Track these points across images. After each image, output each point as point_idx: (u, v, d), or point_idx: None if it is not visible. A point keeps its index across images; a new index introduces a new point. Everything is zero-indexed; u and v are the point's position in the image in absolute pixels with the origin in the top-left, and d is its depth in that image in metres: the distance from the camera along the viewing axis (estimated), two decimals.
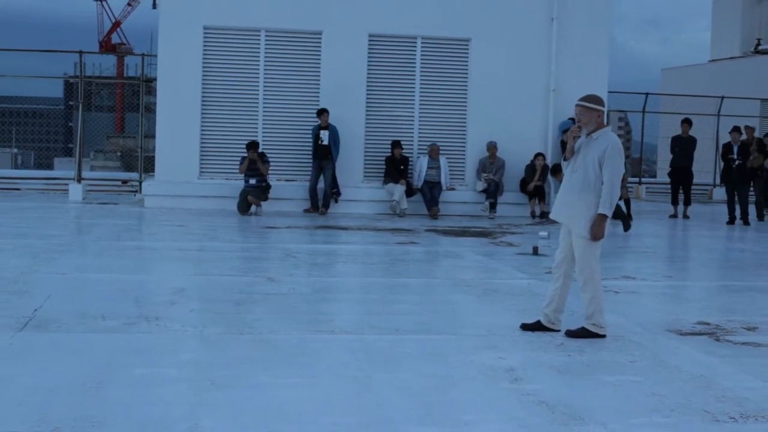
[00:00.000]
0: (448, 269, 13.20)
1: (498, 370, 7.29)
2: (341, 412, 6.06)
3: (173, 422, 5.73)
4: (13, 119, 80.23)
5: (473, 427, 5.84)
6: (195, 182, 21.20)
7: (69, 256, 13.04)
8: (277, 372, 7.07)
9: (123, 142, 68.85)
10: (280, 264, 12.93)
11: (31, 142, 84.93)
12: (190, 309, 9.39)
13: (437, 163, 21.40)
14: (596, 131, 8.60)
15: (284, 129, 21.59)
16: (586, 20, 22.33)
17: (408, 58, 21.94)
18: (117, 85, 70.92)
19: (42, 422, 5.63)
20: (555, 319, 8.77)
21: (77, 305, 9.40)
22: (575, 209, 8.54)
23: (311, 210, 20.94)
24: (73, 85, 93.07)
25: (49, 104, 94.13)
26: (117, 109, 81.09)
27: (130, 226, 17.70)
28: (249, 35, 21.49)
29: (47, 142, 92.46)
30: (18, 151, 65.64)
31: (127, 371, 6.91)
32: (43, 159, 69.00)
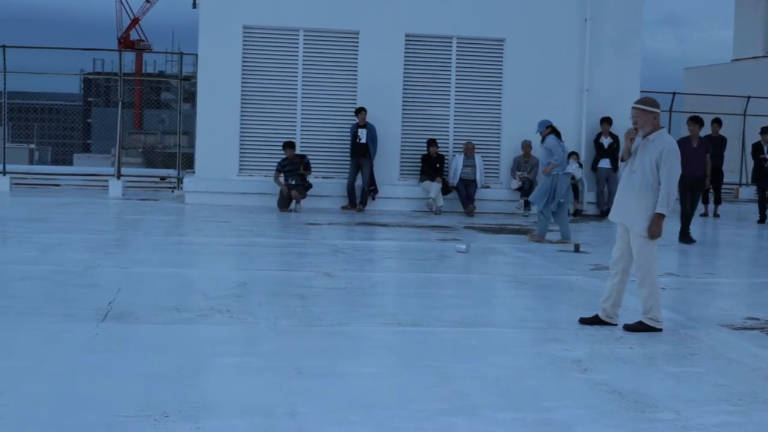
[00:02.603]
0: (494, 265, 13.55)
1: (566, 360, 7.63)
2: (426, 399, 6.41)
3: (272, 407, 6.08)
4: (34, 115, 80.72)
5: (553, 413, 6.17)
6: (234, 179, 21.58)
7: (125, 251, 13.42)
8: (356, 362, 7.43)
9: (144, 139, 69.28)
10: (331, 259, 13.28)
11: (48, 138, 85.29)
12: (258, 302, 9.74)
13: (472, 161, 21.73)
14: (652, 133, 8.91)
15: (322, 127, 21.96)
16: (618, 21, 22.64)
17: (444, 58, 22.29)
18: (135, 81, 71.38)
19: (149, 407, 5.98)
20: (613, 314, 9.10)
21: (149, 298, 9.76)
22: (633, 209, 8.87)
23: (349, 207, 21.29)
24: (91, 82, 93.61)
25: (66, 100, 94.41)
26: (135, 106, 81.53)
27: (175, 222, 18.10)
28: (288, 35, 21.86)
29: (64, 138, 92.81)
30: (35, 147, 66.01)
31: (216, 360, 7.28)
32: (59, 155, 69.19)
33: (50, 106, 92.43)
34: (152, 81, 63.71)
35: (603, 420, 6.08)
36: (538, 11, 22.36)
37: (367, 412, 6.05)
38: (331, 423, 5.82)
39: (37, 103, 76.86)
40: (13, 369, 6.83)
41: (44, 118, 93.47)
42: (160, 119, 75.58)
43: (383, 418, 5.95)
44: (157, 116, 75.66)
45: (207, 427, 5.66)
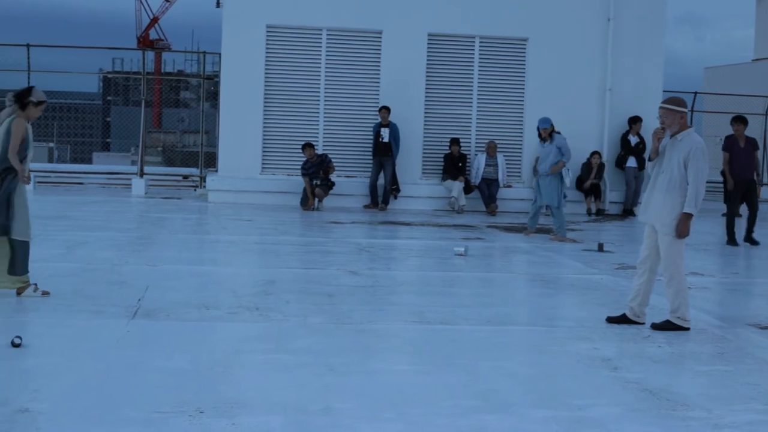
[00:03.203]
0: (519, 264, 13.61)
1: (595, 359, 7.66)
2: (459, 396, 6.46)
3: (307, 404, 6.13)
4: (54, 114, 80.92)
5: (586, 411, 6.21)
6: (257, 178, 21.63)
7: (152, 249, 13.50)
8: (387, 359, 7.49)
9: (164, 138, 69.45)
10: (356, 258, 13.34)
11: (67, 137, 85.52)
12: (286, 300, 9.80)
13: (495, 160, 21.75)
14: (680, 132, 8.93)
15: (345, 126, 22.00)
16: (641, 21, 22.60)
17: (466, 58, 22.30)
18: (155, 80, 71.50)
19: (184, 403, 6.04)
20: (640, 313, 9.13)
21: (177, 295, 9.84)
22: (661, 208, 8.90)
23: (371, 206, 21.34)
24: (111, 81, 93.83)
25: (85, 99, 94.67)
26: (155, 105, 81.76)
27: (200, 220, 18.19)
28: (311, 34, 21.90)
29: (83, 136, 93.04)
30: (55, 146, 66.21)
31: (248, 357, 7.34)
32: (79, 153, 69.37)
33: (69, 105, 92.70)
34: (171, 80, 63.85)
35: (636, 418, 6.12)
36: (561, 11, 22.35)
37: (401, 410, 6.09)
38: (366, 420, 5.87)
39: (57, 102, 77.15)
40: (47, 366, 6.90)
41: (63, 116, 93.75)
42: (179, 118, 75.81)
43: (417, 415, 6.00)
44: (177, 115, 75.90)
45: (242, 423, 5.72)
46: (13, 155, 9.29)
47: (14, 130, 9.31)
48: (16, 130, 9.32)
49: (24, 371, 6.72)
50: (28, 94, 9.48)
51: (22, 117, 9.47)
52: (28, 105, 9.47)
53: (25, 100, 9.46)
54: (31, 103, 9.47)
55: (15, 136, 9.30)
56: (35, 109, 9.52)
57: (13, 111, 9.46)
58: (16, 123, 9.35)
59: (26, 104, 9.46)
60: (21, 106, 9.46)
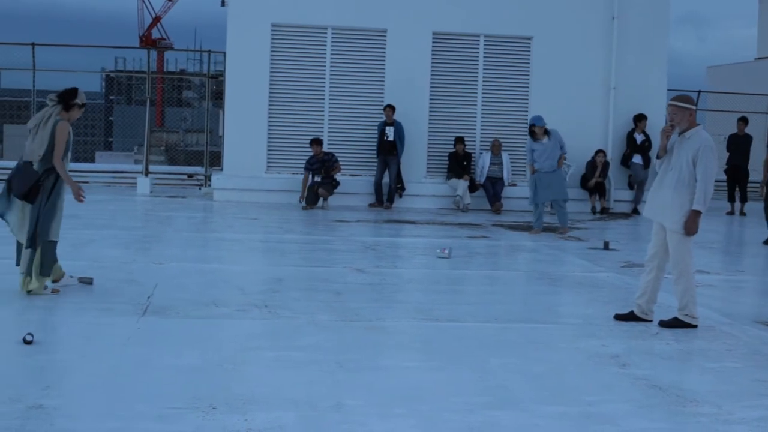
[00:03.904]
0: (526, 262, 13.64)
1: (604, 356, 7.69)
2: (469, 392, 6.49)
3: (318, 400, 6.17)
4: None
5: (597, 407, 6.25)
6: (262, 176, 21.65)
7: (159, 247, 13.53)
8: (397, 356, 7.53)
9: (166, 137, 69.46)
10: (362, 256, 13.36)
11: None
12: (294, 297, 9.83)
13: (499, 158, 21.76)
14: (689, 130, 8.95)
15: (350, 125, 22.01)
16: (645, 19, 22.61)
17: (471, 56, 22.31)
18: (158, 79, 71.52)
19: (197, 399, 6.08)
20: (648, 310, 9.15)
21: (186, 293, 9.87)
22: (669, 206, 8.92)
23: (376, 204, 21.36)
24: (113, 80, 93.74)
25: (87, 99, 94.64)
26: (157, 104, 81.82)
27: (205, 219, 18.23)
28: (316, 33, 21.91)
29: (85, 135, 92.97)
30: None
31: (258, 354, 7.38)
32: (81, 152, 69.27)
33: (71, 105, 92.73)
34: (174, 79, 63.82)
35: (646, 414, 6.15)
36: (566, 9, 22.36)
37: (412, 406, 6.13)
38: (377, 416, 5.90)
39: None
40: (60, 362, 6.95)
41: None
42: (182, 117, 75.82)
43: (428, 411, 6.03)
44: (179, 114, 75.93)
45: (255, 419, 5.76)
46: (58, 160, 9.33)
47: (59, 133, 9.33)
48: (61, 133, 9.34)
49: (36, 368, 6.75)
50: (74, 96, 9.53)
51: (65, 118, 9.50)
52: (73, 107, 9.55)
53: (71, 101, 9.52)
54: (76, 105, 9.55)
55: (60, 139, 9.32)
56: (78, 111, 9.60)
57: (55, 112, 9.48)
58: (61, 126, 9.36)
59: (71, 106, 9.53)
60: (66, 107, 9.50)
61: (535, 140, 16.89)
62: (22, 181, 9.36)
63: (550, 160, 16.71)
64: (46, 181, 9.40)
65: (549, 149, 16.74)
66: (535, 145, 16.94)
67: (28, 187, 9.33)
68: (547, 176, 16.76)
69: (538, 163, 16.86)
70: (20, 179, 9.38)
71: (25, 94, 27.36)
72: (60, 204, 9.58)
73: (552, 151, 16.74)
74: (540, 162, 16.80)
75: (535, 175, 16.99)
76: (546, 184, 16.80)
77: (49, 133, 9.35)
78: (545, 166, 16.75)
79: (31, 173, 9.36)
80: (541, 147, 16.81)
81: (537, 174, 16.92)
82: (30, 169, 9.38)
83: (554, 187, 16.84)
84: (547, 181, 16.78)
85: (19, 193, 9.36)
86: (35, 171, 9.37)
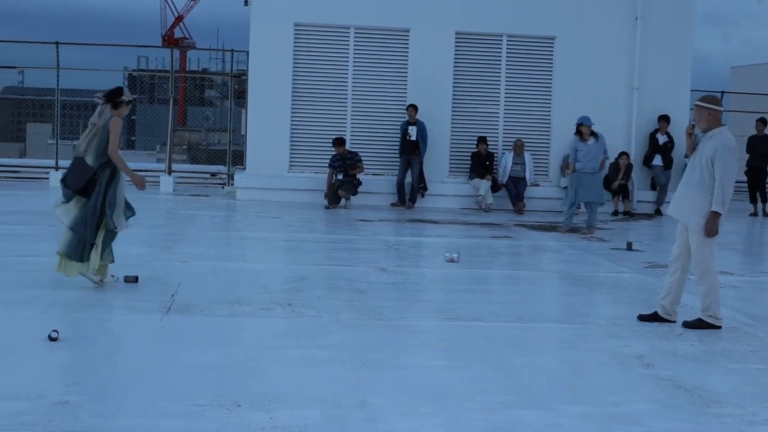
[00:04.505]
0: (549, 262, 13.62)
1: (628, 356, 7.68)
2: (494, 391, 6.49)
3: (343, 398, 6.18)
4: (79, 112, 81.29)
5: (621, 407, 6.24)
6: (285, 176, 21.68)
7: (183, 245, 13.58)
8: (421, 355, 7.54)
9: (188, 136, 69.62)
10: (385, 255, 13.38)
11: None
12: (318, 296, 9.84)
13: (522, 158, 21.74)
14: (712, 130, 8.93)
15: (372, 124, 22.02)
16: (669, 19, 22.53)
17: (494, 56, 22.28)
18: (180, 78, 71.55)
19: (221, 397, 6.10)
20: (672, 311, 9.13)
21: (210, 291, 9.90)
22: (691, 206, 8.90)
23: (398, 204, 21.36)
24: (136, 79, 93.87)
25: None
26: (179, 103, 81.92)
27: (229, 218, 18.29)
28: (339, 32, 21.94)
29: None
30: None
31: (282, 352, 7.40)
32: None
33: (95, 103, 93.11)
34: (196, 78, 63.88)
35: (670, 414, 6.14)
36: (589, 9, 22.32)
37: (437, 404, 6.14)
38: (402, 414, 5.91)
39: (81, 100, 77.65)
40: (85, 359, 6.98)
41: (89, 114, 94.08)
42: (204, 116, 75.96)
43: (453, 409, 6.04)
44: (201, 113, 76.07)
45: (280, 416, 5.77)
46: (115, 153, 9.75)
47: (113, 128, 9.76)
48: (115, 128, 9.76)
49: (62, 364, 6.80)
50: (120, 94, 9.94)
51: (116, 115, 9.89)
52: (120, 104, 9.90)
53: (118, 99, 9.90)
54: (123, 101, 9.91)
55: (115, 133, 9.75)
56: (126, 107, 9.96)
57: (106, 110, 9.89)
58: (114, 121, 9.79)
59: (119, 103, 9.90)
60: (113, 105, 9.88)
61: (582, 140, 16.94)
62: (77, 176, 9.77)
63: (593, 161, 16.83)
64: (102, 175, 9.75)
65: (593, 151, 16.86)
66: (580, 144, 17.00)
67: (85, 182, 9.72)
68: (587, 177, 16.87)
69: (580, 163, 16.92)
70: (75, 175, 9.79)
71: (48, 93, 27.41)
72: (120, 196, 9.93)
73: (596, 153, 16.87)
74: (583, 162, 16.87)
75: (574, 174, 17.05)
76: (584, 184, 16.90)
77: (102, 129, 9.77)
78: (587, 167, 16.84)
79: (86, 168, 9.75)
80: (586, 148, 16.88)
81: (577, 174, 16.98)
82: (84, 164, 9.77)
83: (592, 188, 16.99)
84: (585, 181, 16.88)
85: (76, 188, 9.75)
86: (90, 166, 9.76)
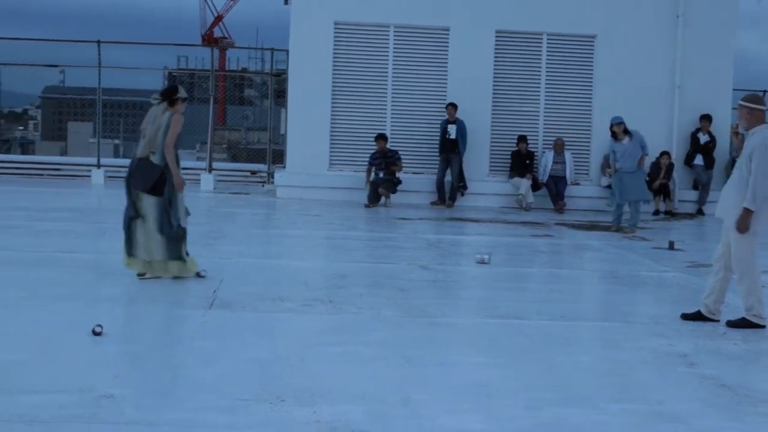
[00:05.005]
0: (590, 261, 13.58)
1: (671, 355, 7.63)
2: (537, 389, 6.47)
3: (385, 395, 6.18)
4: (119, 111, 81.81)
5: (665, 405, 6.20)
6: (325, 174, 21.72)
7: (224, 243, 13.64)
8: (463, 352, 7.52)
9: (228, 135, 69.88)
10: (426, 253, 13.37)
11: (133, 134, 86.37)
12: (359, 293, 9.85)
13: (562, 157, 21.66)
14: (754, 128, 8.86)
15: (412, 123, 22.01)
16: (712, 17, 22.34)
17: (534, 54, 22.21)
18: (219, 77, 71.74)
19: (264, 392, 6.12)
20: (715, 310, 9.06)
21: (251, 288, 9.94)
22: (730, 203, 8.85)
23: (438, 203, 21.34)
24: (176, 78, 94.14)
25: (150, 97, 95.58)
26: (219, 102, 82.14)
27: (269, 216, 18.35)
28: (378, 31, 21.95)
29: None
30: (120, 142, 66.84)
31: (324, 349, 7.40)
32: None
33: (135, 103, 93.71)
34: (235, 77, 64.07)
35: (715, 413, 6.10)
36: (630, 7, 22.19)
37: (480, 401, 6.13)
38: (445, 411, 5.90)
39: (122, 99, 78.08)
40: (129, 353, 7.03)
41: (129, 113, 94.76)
42: (243, 115, 76.22)
43: (496, 407, 6.02)
44: (241, 112, 76.33)
45: (322, 412, 5.78)
46: (170, 148, 9.90)
47: (174, 125, 9.94)
48: (176, 125, 9.95)
49: (106, 358, 6.83)
50: (176, 92, 10.14)
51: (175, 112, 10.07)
52: (176, 101, 10.10)
53: (174, 96, 10.09)
54: (179, 99, 10.11)
55: (174, 129, 9.92)
56: (182, 104, 10.15)
57: (163, 108, 10.08)
58: (176, 118, 9.99)
59: (175, 101, 10.09)
60: (170, 102, 10.06)
61: (616, 140, 17.04)
62: (145, 176, 9.93)
63: (630, 160, 16.97)
64: (169, 173, 9.95)
65: (629, 150, 16.97)
66: (615, 145, 17.18)
67: (153, 181, 9.90)
68: (627, 176, 17.00)
69: (619, 162, 17.01)
70: (142, 175, 9.95)
71: (89, 92, 27.62)
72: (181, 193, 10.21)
73: (632, 151, 16.98)
74: (620, 162, 16.99)
75: (616, 175, 17.16)
76: (626, 184, 17.02)
77: (164, 126, 9.93)
78: (625, 166, 16.95)
79: (153, 167, 9.93)
80: (622, 147, 17.03)
81: (618, 174, 17.14)
82: (150, 163, 9.94)
83: (635, 187, 17.10)
84: (626, 181, 16.99)
85: (145, 188, 9.93)
86: (156, 165, 9.92)
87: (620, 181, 17.04)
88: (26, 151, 52.97)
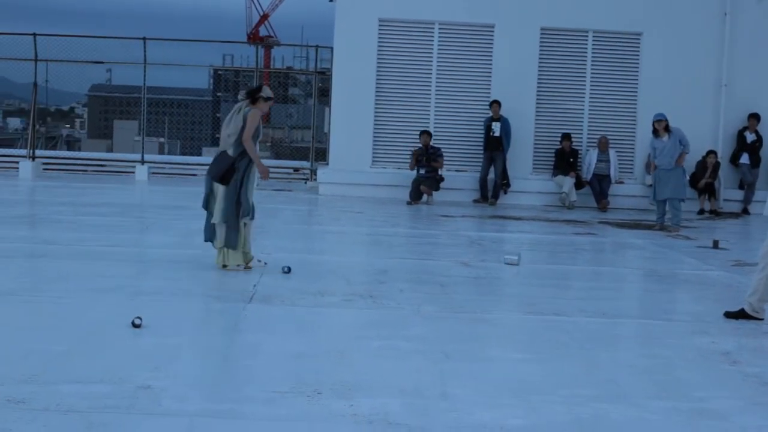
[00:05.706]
0: (633, 259, 13.46)
1: (714, 353, 7.54)
2: (577, 385, 6.41)
3: (423, 389, 6.15)
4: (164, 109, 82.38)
5: (707, 402, 6.12)
6: (367, 171, 21.72)
7: (266, 238, 13.60)
8: (503, 348, 7.47)
9: (272, 133, 70.14)
10: (467, 250, 13.32)
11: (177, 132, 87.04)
12: (400, 289, 9.82)
13: (606, 156, 21.52)
14: None
15: (456, 120, 21.97)
16: (759, 15, 22.12)
17: (579, 52, 22.09)
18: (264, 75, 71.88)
19: (302, 384, 6.11)
20: (759, 308, 8.95)
21: (292, 282, 9.94)
22: None
23: (481, 200, 21.28)
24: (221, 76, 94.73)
25: (195, 95, 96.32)
26: None
27: (312, 212, 18.37)
28: (423, 28, 21.92)
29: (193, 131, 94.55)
30: (165, 140, 67.29)
31: (363, 343, 7.38)
32: (188, 148, 70.49)
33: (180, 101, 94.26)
34: (279, 75, 64.24)
35: (759, 411, 6.02)
36: (676, 5, 22.01)
37: (519, 396, 6.08)
38: (484, 406, 5.86)
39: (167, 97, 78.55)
40: (168, 346, 7.03)
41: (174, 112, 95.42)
42: (287, 114, 76.53)
43: (535, 402, 5.97)
44: (285, 111, 76.66)
45: (360, 405, 5.76)
46: (248, 141, 10.31)
47: (250, 119, 10.34)
48: (252, 118, 10.34)
49: (145, 350, 6.84)
50: (259, 91, 10.56)
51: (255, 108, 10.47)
52: (259, 100, 10.48)
53: (256, 95, 10.48)
54: (261, 98, 10.50)
55: (251, 123, 10.31)
56: (265, 104, 10.54)
57: (245, 104, 10.48)
58: (252, 113, 10.38)
59: (257, 99, 10.48)
60: (252, 100, 10.46)
61: (656, 137, 16.97)
62: (218, 165, 10.40)
63: (668, 157, 16.90)
64: (240, 163, 10.33)
65: (668, 147, 16.90)
66: (656, 142, 17.16)
67: (224, 170, 10.32)
68: (665, 174, 16.92)
69: (657, 159, 16.91)
70: (217, 165, 10.42)
71: (135, 90, 27.79)
72: (251, 186, 10.55)
73: (671, 148, 16.89)
74: (659, 159, 16.90)
75: (655, 172, 17.08)
76: (662, 181, 16.95)
77: (242, 120, 10.32)
78: (663, 164, 16.90)
79: (226, 158, 10.36)
80: (661, 144, 16.96)
81: (657, 171, 17.12)
82: (225, 155, 10.38)
83: (669, 185, 16.97)
84: (663, 178, 16.91)
85: (216, 176, 10.38)
86: (230, 156, 10.33)
87: (658, 179, 17.04)
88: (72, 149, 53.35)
